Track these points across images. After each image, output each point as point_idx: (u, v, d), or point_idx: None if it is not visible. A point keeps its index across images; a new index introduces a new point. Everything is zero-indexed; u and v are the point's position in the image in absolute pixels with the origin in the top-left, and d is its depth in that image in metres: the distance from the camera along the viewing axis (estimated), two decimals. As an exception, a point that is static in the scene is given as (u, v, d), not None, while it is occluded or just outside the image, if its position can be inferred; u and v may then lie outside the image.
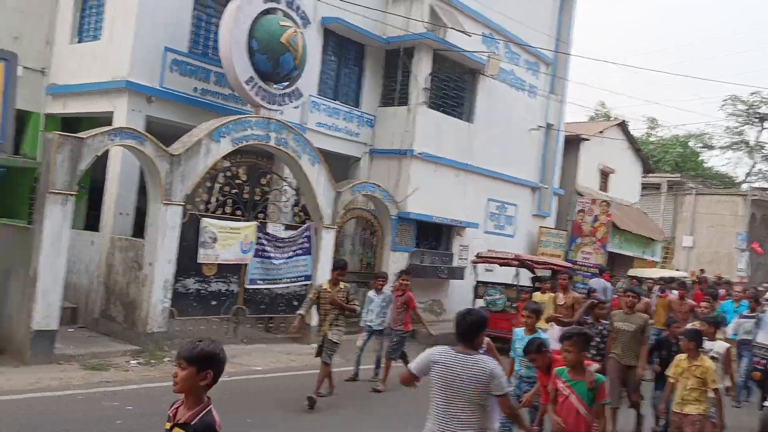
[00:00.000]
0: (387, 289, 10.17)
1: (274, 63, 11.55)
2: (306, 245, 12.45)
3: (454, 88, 16.59)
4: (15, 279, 9.23)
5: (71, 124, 12.55)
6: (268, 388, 8.98)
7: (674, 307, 12.21)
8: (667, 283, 15.25)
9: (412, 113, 15.21)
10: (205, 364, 2.84)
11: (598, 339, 8.08)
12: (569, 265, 17.23)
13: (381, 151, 15.61)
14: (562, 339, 4.98)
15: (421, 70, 15.24)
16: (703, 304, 10.23)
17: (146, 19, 11.26)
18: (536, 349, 5.79)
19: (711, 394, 6.47)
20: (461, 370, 4.01)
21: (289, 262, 12.15)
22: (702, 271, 24.80)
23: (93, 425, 6.53)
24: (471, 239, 17.09)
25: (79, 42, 12.49)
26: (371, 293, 9.99)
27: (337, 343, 8.31)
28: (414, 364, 4.25)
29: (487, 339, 6.56)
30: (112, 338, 10.34)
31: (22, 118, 12.14)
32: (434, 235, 16.44)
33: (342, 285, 8.45)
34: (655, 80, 69.32)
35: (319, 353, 8.37)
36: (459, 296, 16.34)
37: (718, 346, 7.84)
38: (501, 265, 16.06)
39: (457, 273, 16.34)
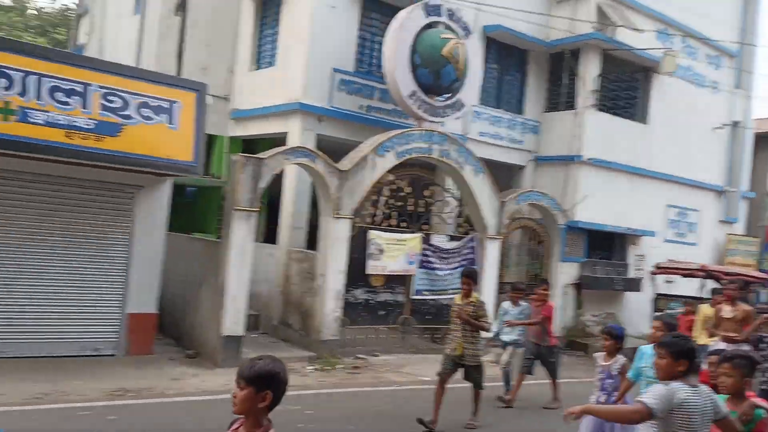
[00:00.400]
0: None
1: (435, 76, 11.69)
2: (470, 256, 12.39)
3: (626, 89, 15.68)
4: (207, 288, 10.13)
5: (250, 144, 13.63)
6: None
7: None
8: None
9: (579, 117, 14.60)
10: (264, 384, 2.63)
11: None
12: (765, 276, 15.51)
13: (547, 158, 15.15)
14: (722, 360, 4.20)
15: (589, 71, 14.60)
16: None
17: (316, 44, 11.92)
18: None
19: None
20: (707, 408, 3.54)
21: (454, 273, 12.14)
22: None
23: (278, 427, 6.94)
24: (648, 248, 15.99)
25: (257, 69, 13.54)
26: (506, 304, 9.26)
27: (478, 363, 7.45)
28: (653, 401, 3.44)
29: (623, 359, 6.01)
30: (289, 344, 10.98)
31: (210, 142, 13.38)
32: (607, 245, 15.60)
33: (474, 297, 7.43)
34: None
35: (445, 372, 7.43)
36: (636, 309, 15.35)
37: None
38: (684, 276, 14.89)
39: (634, 285, 15.36)
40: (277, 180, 11.25)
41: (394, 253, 11.33)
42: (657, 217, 16.33)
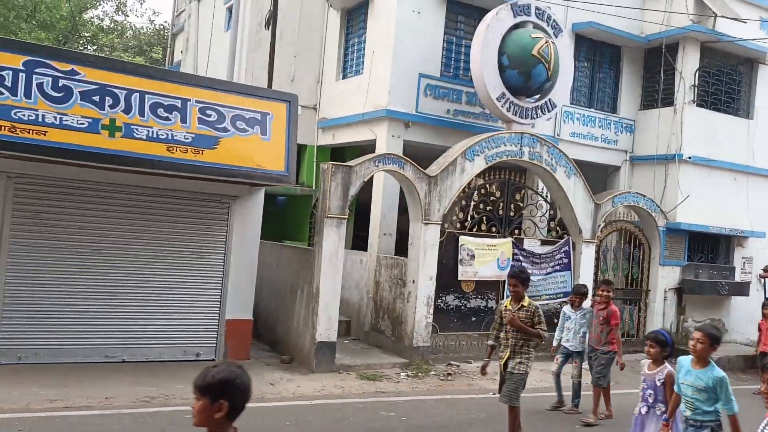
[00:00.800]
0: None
1: (525, 77, 11.44)
2: (564, 260, 12.01)
3: (728, 82, 14.82)
4: (300, 295, 10.31)
5: (337, 153, 13.82)
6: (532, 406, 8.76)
7: None
8: None
9: (678, 114, 13.91)
10: (218, 394, 2.47)
11: None
12: None
13: (643, 157, 14.51)
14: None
15: (688, 65, 13.89)
16: None
17: (402, 50, 11.93)
18: None
19: None
20: None
21: (548, 279, 11.82)
22: None
23: (372, 434, 6.95)
24: (756, 250, 15.01)
25: (344, 78, 13.71)
26: (566, 309, 8.73)
27: (520, 374, 6.48)
28: None
29: (669, 369, 5.46)
30: (381, 350, 10.99)
31: (299, 151, 13.66)
32: (710, 247, 14.76)
33: (527, 302, 6.54)
34: None
35: (500, 389, 6.73)
36: (743, 315, 14.44)
37: None
38: (796, 280, 13.88)
39: (741, 289, 14.44)
40: (366, 187, 11.32)
41: (485, 258, 11.14)
42: (764, 217, 15.29)
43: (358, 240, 13.63)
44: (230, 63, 12.51)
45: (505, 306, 6.66)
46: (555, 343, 8.73)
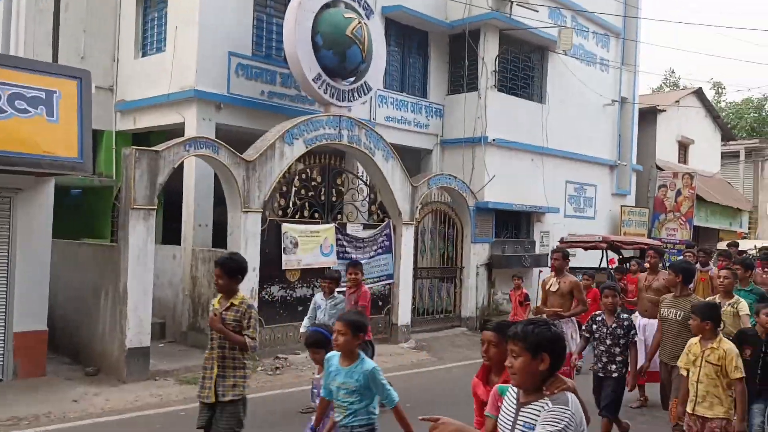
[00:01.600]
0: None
1: (341, 57, 11.19)
2: (386, 243, 12.06)
3: (523, 69, 15.89)
4: (104, 298, 9.16)
5: (141, 139, 12.57)
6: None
7: (758, 280, 8.69)
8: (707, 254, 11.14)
9: (482, 99, 14.61)
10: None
11: (611, 340, 6.40)
12: (658, 243, 16.30)
13: (453, 140, 15.07)
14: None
15: (489, 52, 14.63)
16: (722, 273, 6.84)
17: (208, 26, 11.08)
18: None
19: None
20: None
21: (371, 262, 11.77)
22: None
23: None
24: (551, 225, 16.37)
25: (144, 56, 12.46)
26: (318, 297, 7.74)
27: (235, 404, 4.86)
28: None
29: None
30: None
31: (94, 138, 12.18)
32: (513, 224, 15.79)
33: (239, 297, 4.91)
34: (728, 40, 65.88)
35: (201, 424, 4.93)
36: (544, 285, 15.67)
37: None
38: (586, 249, 15.35)
39: (541, 261, 15.64)
40: (176, 175, 10.38)
41: (309, 245, 10.79)
42: (558, 194, 16.73)
43: (170, 233, 12.54)
44: (4, 35, 10.74)
45: (213, 304, 5.01)
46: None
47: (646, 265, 8.18)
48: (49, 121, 7.98)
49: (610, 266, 15.36)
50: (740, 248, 16.32)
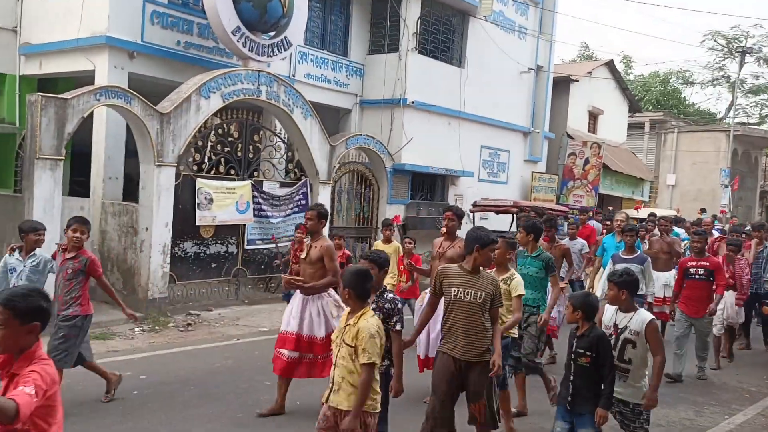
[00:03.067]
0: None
1: (261, 11, 10.98)
2: (303, 202, 12.13)
3: (444, 32, 16.07)
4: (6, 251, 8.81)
5: (47, 85, 11.96)
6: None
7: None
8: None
9: (402, 60, 14.73)
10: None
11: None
12: (565, 209, 17.14)
13: (372, 101, 15.16)
14: None
15: (411, 13, 14.71)
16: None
17: (122, -31, 10.58)
18: None
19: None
20: None
21: (287, 220, 11.84)
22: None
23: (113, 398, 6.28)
24: (465, 188, 16.86)
25: (51, -4, 11.77)
26: (9, 257, 5.93)
27: None
28: None
29: None
30: (112, 306, 9.97)
31: (-4, 82, 11.54)
32: (429, 186, 16.18)
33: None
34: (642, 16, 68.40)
35: None
36: (456, 246, 16.20)
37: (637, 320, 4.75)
38: (498, 213, 15.93)
39: (454, 222, 16.13)
40: (84, 125, 10.01)
41: (225, 202, 10.72)
42: (473, 158, 17.21)
43: (77, 186, 12.13)
44: None
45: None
46: None
47: (443, 230, 6.52)
48: (-55, 63, 7.52)
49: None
50: (638, 216, 17.48)
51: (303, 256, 6.03)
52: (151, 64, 11.11)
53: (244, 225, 11.16)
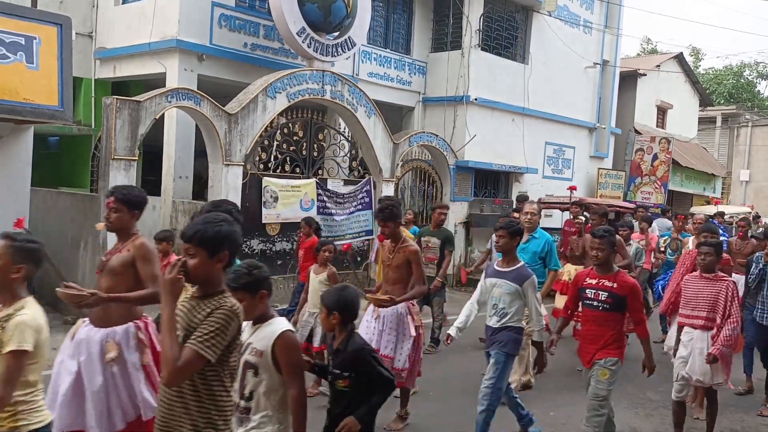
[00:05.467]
0: None
1: (325, 12, 11.08)
2: (366, 200, 12.17)
3: (507, 29, 15.83)
4: (84, 248, 9.19)
5: (121, 88, 12.40)
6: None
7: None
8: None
9: (465, 57, 14.58)
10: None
11: None
12: (632, 206, 16.64)
13: (435, 99, 15.07)
14: None
15: (474, 10, 14.54)
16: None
17: (191, -26, 10.86)
18: None
19: None
20: None
21: (351, 218, 11.90)
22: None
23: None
24: (529, 185, 16.57)
25: (124, 3, 12.20)
26: None
27: None
28: None
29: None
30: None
31: (74, 86, 11.98)
32: (492, 183, 15.98)
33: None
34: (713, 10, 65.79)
35: None
36: (519, 244, 15.96)
37: None
38: (563, 210, 15.60)
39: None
40: (155, 126, 10.32)
41: (290, 200, 10.85)
42: (537, 155, 16.89)
43: (149, 184, 12.49)
44: (-22, -24, 10.40)
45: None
46: None
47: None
48: (29, 68, 7.84)
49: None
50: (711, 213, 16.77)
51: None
52: (220, 66, 11.37)
53: (308, 223, 11.26)
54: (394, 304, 5.34)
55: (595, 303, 4.88)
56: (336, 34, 11.81)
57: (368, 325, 5.55)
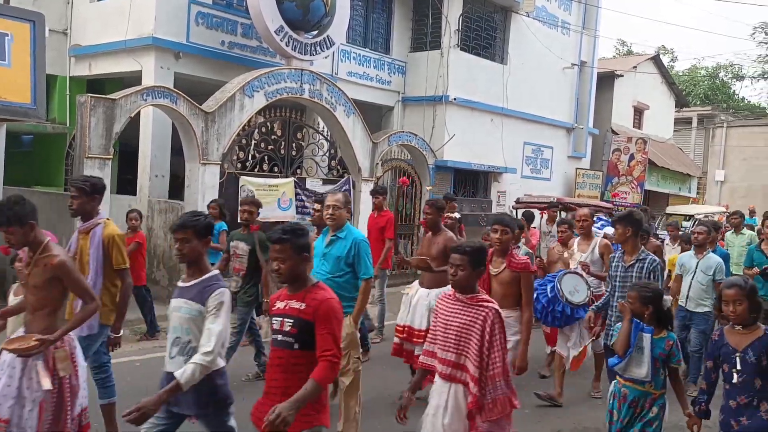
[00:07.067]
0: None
1: (304, 10, 11.04)
2: (345, 199, 12.12)
3: (486, 29, 15.90)
4: (58, 248, 9.04)
5: (96, 85, 12.25)
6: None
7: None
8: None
9: (444, 57, 14.62)
10: None
11: None
12: (610, 205, 16.79)
13: (414, 98, 15.10)
14: None
15: (453, 10, 14.59)
16: None
17: (168, -29, 10.75)
18: None
19: None
20: None
21: (330, 217, 11.85)
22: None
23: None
24: (508, 185, 16.67)
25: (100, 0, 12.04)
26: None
27: None
28: None
29: None
30: (158, 302, 10.18)
31: (48, 83, 11.80)
32: (471, 183, 16.04)
33: None
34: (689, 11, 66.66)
35: None
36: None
37: None
38: (541, 209, 15.69)
39: (496, 220, 15.96)
40: (131, 125, 10.20)
41: (267, 199, 10.75)
42: (516, 155, 16.99)
43: (124, 183, 12.38)
44: (-52, -29, 10.21)
45: None
46: None
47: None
48: (1, 65, 7.73)
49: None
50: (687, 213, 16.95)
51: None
52: (196, 64, 11.27)
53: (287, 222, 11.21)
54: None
55: None
56: (315, 32, 11.77)
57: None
